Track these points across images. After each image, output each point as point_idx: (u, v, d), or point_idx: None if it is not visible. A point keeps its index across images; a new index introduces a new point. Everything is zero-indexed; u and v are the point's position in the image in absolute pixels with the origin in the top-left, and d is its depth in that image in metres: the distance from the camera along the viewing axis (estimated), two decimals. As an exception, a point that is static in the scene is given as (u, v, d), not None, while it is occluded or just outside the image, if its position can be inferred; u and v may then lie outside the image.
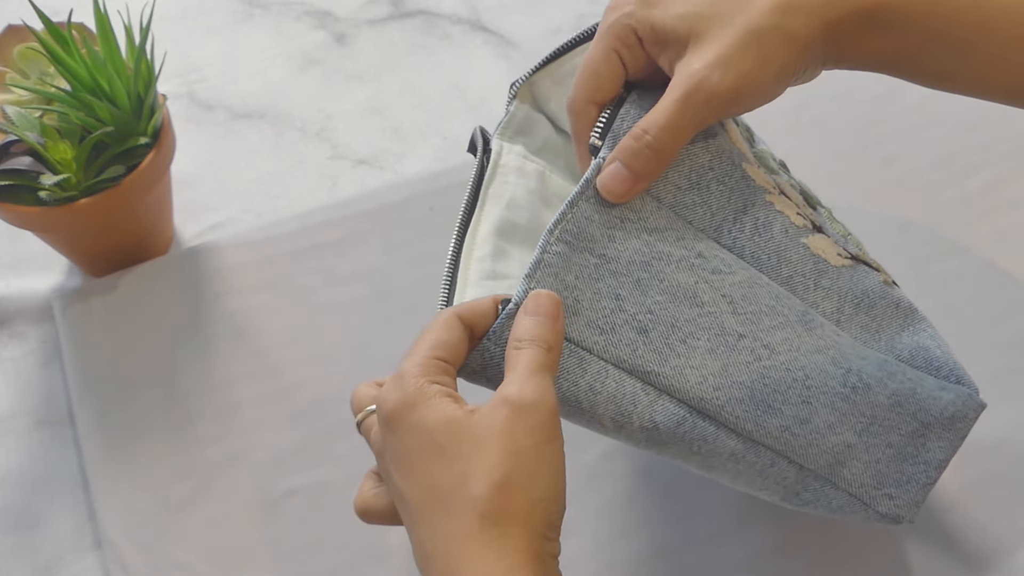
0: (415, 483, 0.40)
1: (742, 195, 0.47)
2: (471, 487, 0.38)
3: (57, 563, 0.57)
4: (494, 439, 0.39)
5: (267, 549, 0.57)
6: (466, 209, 0.51)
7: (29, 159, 0.59)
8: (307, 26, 0.82)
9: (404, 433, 0.40)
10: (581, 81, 0.47)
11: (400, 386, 0.41)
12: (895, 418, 0.46)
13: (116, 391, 0.62)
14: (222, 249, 0.68)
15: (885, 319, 0.48)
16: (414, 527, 0.39)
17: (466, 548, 0.38)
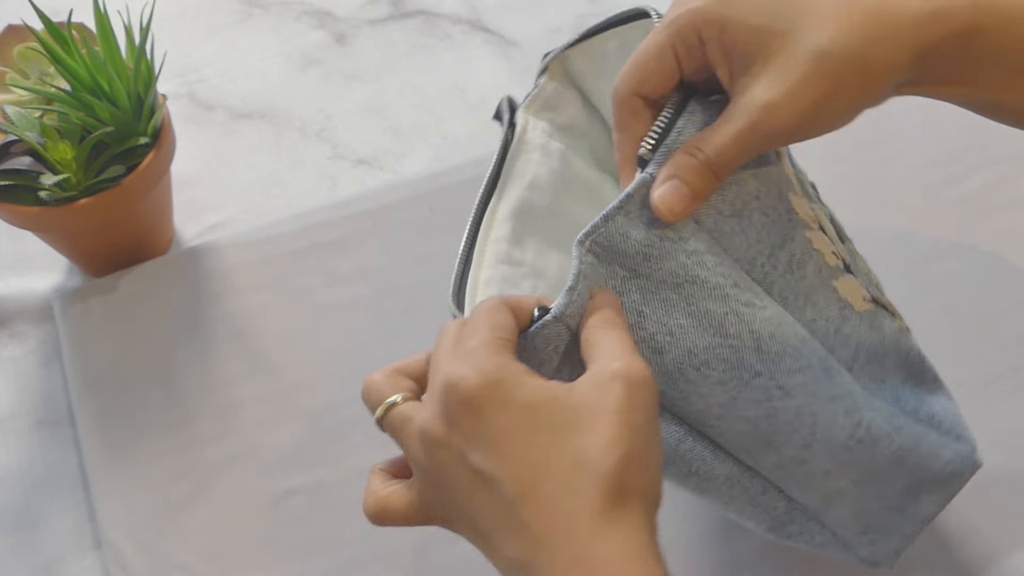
0: (515, 462, 0.37)
1: (783, 229, 0.44)
2: (594, 463, 0.36)
3: (57, 563, 0.57)
4: (611, 413, 0.37)
5: (267, 549, 0.57)
6: (488, 184, 0.50)
7: (29, 159, 0.59)
8: (307, 26, 0.82)
9: (494, 412, 0.37)
10: (629, 71, 0.44)
11: (476, 365, 0.38)
12: (893, 472, 0.45)
13: (116, 391, 0.62)
14: (222, 249, 0.68)
15: (893, 369, 0.47)
16: (514, 509, 0.37)
17: (594, 526, 0.36)
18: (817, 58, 0.40)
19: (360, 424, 0.61)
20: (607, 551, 0.36)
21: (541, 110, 0.54)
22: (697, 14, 0.42)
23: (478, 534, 0.39)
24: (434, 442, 0.39)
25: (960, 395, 0.50)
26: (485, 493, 0.38)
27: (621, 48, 0.50)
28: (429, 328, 0.64)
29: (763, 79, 0.40)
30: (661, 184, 0.42)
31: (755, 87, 0.40)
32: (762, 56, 0.40)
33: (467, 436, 0.38)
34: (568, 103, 0.54)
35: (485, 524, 0.38)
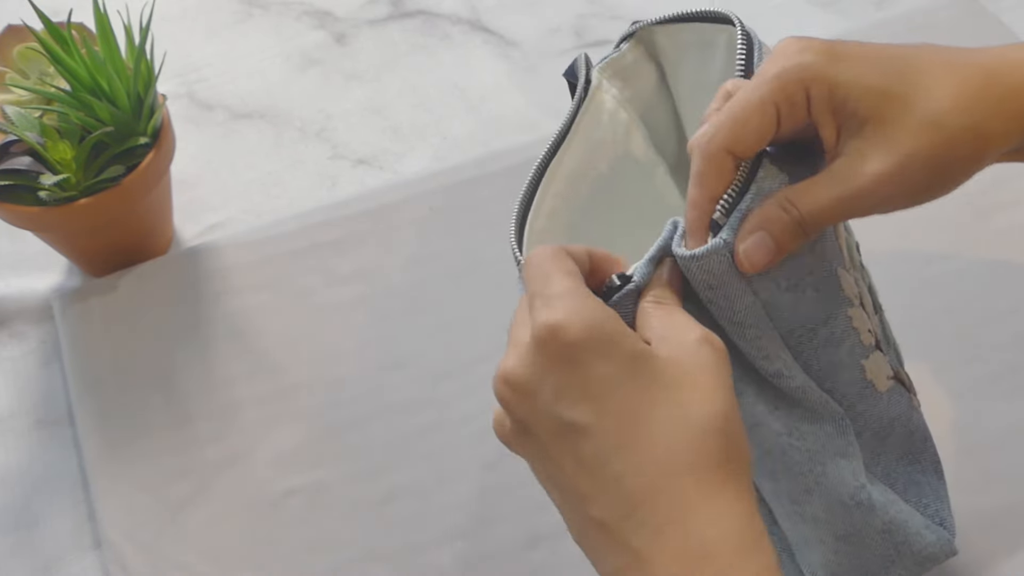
0: (612, 413, 0.35)
1: (828, 305, 0.43)
2: (698, 418, 0.35)
3: (57, 563, 0.57)
4: (708, 372, 0.36)
5: (267, 549, 0.57)
6: (559, 134, 0.49)
7: (29, 159, 0.59)
8: (307, 26, 0.82)
9: (595, 361, 0.36)
10: (725, 126, 0.40)
11: (574, 310, 0.36)
12: (878, 541, 0.45)
13: (116, 391, 0.62)
14: (222, 249, 0.68)
15: (893, 446, 0.47)
16: (608, 463, 0.35)
17: (700, 485, 0.34)
18: (934, 129, 0.38)
19: (360, 424, 0.61)
20: (714, 512, 0.34)
21: (614, 76, 0.53)
22: (807, 69, 0.39)
23: (560, 491, 0.37)
24: (521, 390, 0.37)
25: (960, 395, 0.50)
26: (574, 446, 0.36)
27: (704, 46, 0.49)
28: (429, 328, 0.64)
29: (875, 145, 0.39)
30: (747, 235, 0.40)
31: (866, 152, 0.39)
32: (874, 119, 0.39)
33: (560, 386, 0.36)
34: (644, 76, 0.53)
35: (569, 480, 0.36)
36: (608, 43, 0.81)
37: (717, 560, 0.34)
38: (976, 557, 0.55)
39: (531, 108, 0.77)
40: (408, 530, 0.57)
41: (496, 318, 0.64)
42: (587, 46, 0.81)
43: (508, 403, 0.38)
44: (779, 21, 0.82)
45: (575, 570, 0.56)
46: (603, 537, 0.35)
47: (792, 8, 0.83)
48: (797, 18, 0.82)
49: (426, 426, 0.60)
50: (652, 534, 0.34)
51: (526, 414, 0.37)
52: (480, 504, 0.58)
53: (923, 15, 0.80)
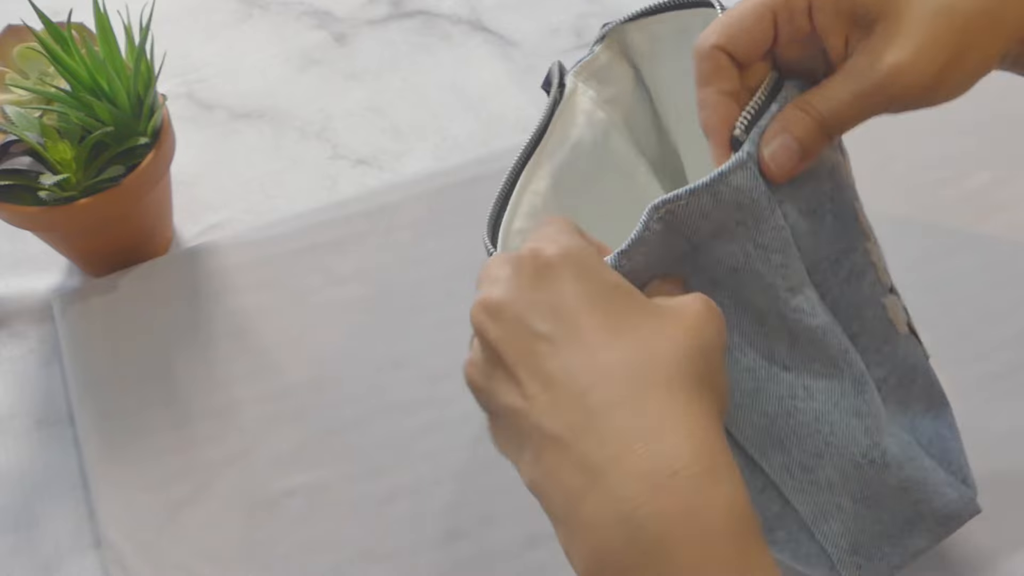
0: (581, 329, 0.35)
1: (850, 236, 0.44)
2: (676, 345, 0.34)
3: (57, 563, 0.57)
4: (687, 315, 0.36)
5: (267, 549, 0.57)
6: (536, 134, 0.50)
7: (29, 159, 0.59)
8: (307, 26, 0.82)
9: (569, 280, 0.35)
10: (719, 26, 0.41)
11: (559, 241, 0.37)
12: (896, 501, 0.45)
13: (116, 391, 0.62)
14: (222, 249, 0.68)
15: (918, 397, 0.47)
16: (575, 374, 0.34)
17: (672, 399, 0.33)
18: (946, 15, 0.38)
19: (360, 424, 0.61)
20: (685, 430, 0.33)
21: (590, 78, 0.53)
22: None
23: (516, 416, 0.35)
24: (496, 309, 0.37)
25: (960, 395, 0.50)
26: (541, 360, 0.35)
27: (679, 33, 0.49)
28: (429, 328, 0.64)
29: (889, 39, 0.38)
30: (771, 139, 0.40)
31: (880, 47, 0.38)
32: (885, 15, 0.38)
33: (534, 300, 0.36)
34: (619, 77, 0.53)
35: (531, 402, 0.35)
36: (608, 43, 0.82)
37: (686, 479, 0.32)
38: (977, 557, 0.55)
39: (531, 108, 0.77)
40: (408, 530, 0.57)
41: (496, 318, 0.65)
42: (587, 46, 0.80)
43: (482, 327, 0.37)
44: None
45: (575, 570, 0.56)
46: (559, 455, 0.34)
47: (792, 8, 0.83)
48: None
49: (426, 426, 0.60)
50: (615, 450, 0.33)
51: (498, 335, 0.36)
52: (480, 504, 0.58)
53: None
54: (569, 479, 0.33)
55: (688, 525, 0.31)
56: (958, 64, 0.39)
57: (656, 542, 0.31)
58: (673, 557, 0.31)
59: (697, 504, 0.32)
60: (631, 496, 0.32)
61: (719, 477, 0.33)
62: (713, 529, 0.31)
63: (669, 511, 0.31)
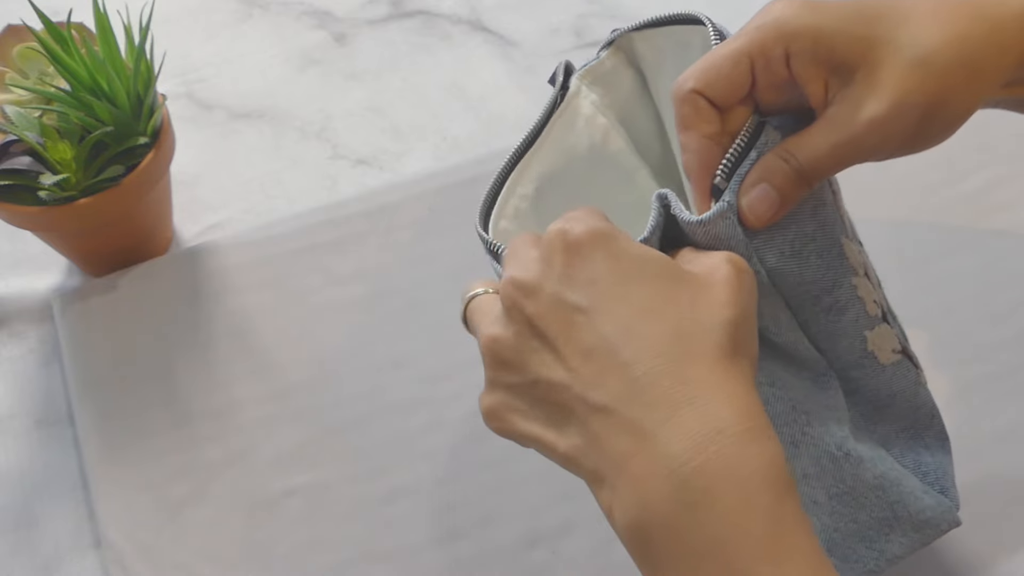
0: (618, 301, 0.36)
1: (834, 273, 0.43)
2: (710, 317, 0.36)
3: (57, 563, 0.57)
4: (723, 281, 0.37)
5: (267, 549, 0.57)
6: (530, 135, 0.50)
7: (29, 159, 0.59)
8: (306, 26, 0.82)
9: (601, 257, 0.36)
10: (697, 70, 0.41)
11: (585, 220, 0.37)
12: (872, 498, 0.45)
13: (116, 391, 0.62)
14: (222, 249, 0.68)
15: (893, 419, 0.47)
16: (615, 348, 0.35)
17: (712, 369, 0.35)
18: (923, 67, 0.38)
19: (360, 424, 0.61)
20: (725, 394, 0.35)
21: (594, 83, 0.53)
22: (787, 24, 0.39)
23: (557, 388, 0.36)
24: (528, 287, 0.37)
25: (960, 395, 0.50)
26: (580, 331, 0.36)
27: (681, 47, 0.50)
28: (429, 328, 0.64)
29: (868, 90, 0.38)
30: (750, 188, 0.40)
31: (859, 98, 0.38)
32: (864, 65, 0.38)
33: (567, 274, 0.37)
34: (623, 82, 0.53)
35: (572, 373, 0.36)
36: (608, 43, 0.82)
37: (730, 437, 0.34)
38: (976, 557, 0.55)
39: (531, 108, 0.76)
40: (408, 530, 0.57)
41: (496, 318, 0.65)
42: (587, 46, 0.81)
43: (514, 304, 0.38)
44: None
45: (575, 570, 0.56)
46: (606, 422, 0.35)
47: (792, 8, 0.83)
48: (797, 18, 0.82)
49: (426, 426, 0.60)
50: (664, 414, 0.35)
51: (533, 310, 0.37)
52: (480, 504, 0.58)
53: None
54: (617, 443, 0.35)
55: (730, 478, 0.34)
56: (937, 115, 0.39)
57: (701, 493, 0.34)
58: (715, 507, 0.33)
59: (739, 459, 0.34)
60: (679, 453, 0.34)
61: (759, 435, 0.35)
62: (752, 481, 0.34)
63: (713, 466, 0.34)
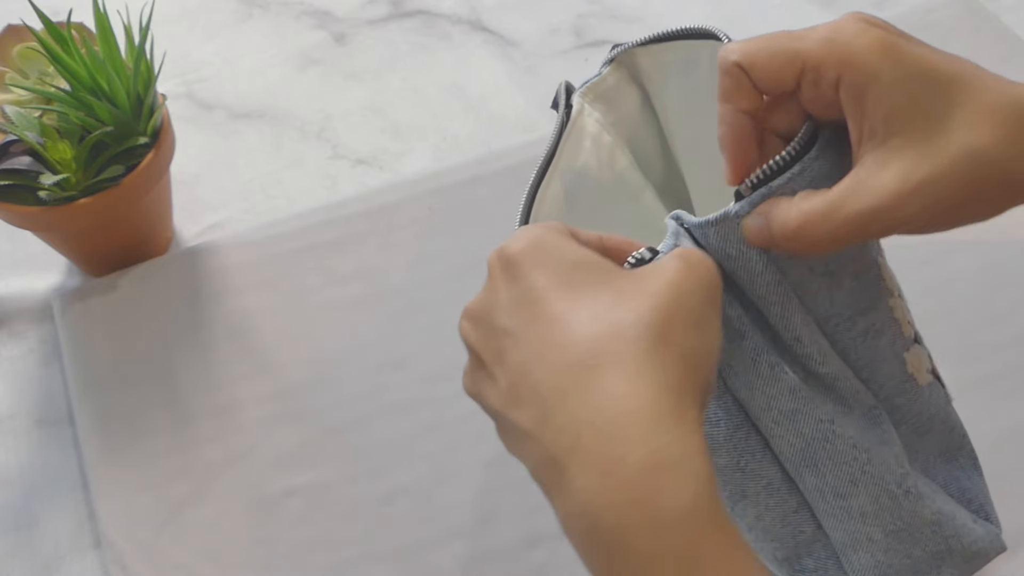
0: (542, 321, 0.34)
1: (869, 296, 0.42)
2: (628, 310, 0.33)
3: (57, 563, 0.57)
4: (656, 278, 0.34)
5: (267, 549, 0.57)
6: (543, 163, 0.49)
7: (29, 159, 0.59)
8: (306, 26, 0.82)
9: (531, 270, 0.35)
10: (746, 47, 0.38)
11: (527, 233, 0.36)
12: (928, 535, 0.43)
13: (116, 391, 0.62)
14: (222, 249, 0.68)
15: (932, 443, 0.46)
16: (530, 368, 0.33)
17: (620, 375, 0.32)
18: (965, 159, 0.36)
19: (360, 424, 0.61)
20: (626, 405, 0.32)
21: (596, 100, 0.53)
22: (850, 55, 0.37)
23: (499, 415, 0.36)
24: (473, 317, 0.37)
25: (960, 395, 0.50)
26: (505, 356, 0.35)
27: (688, 63, 0.49)
28: (429, 328, 0.64)
29: (901, 161, 0.36)
30: (752, 221, 0.38)
31: (890, 166, 0.36)
32: (906, 132, 0.36)
33: (500, 300, 0.35)
34: (626, 98, 0.53)
35: (504, 397, 0.35)
36: (608, 43, 0.81)
37: (632, 468, 0.31)
38: (976, 557, 0.55)
39: (531, 108, 0.77)
40: (408, 530, 0.57)
41: (496, 318, 0.65)
42: (587, 46, 0.81)
43: (466, 336, 0.37)
44: (779, 21, 0.82)
45: (575, 570, 0.56)
46: (532, 450, 0.34)
47: (792, 8, 0.83)
48: (797, 17, 0.82)
49: (426, 426, 0.60)
50: (568, 441, 0.32)
51: (476, 339, 0.37)
52: (480, 504, 0.58)
53: (923, 15, 0.80)
54: (543, 473, 0.33)
55: (638, 514, 0.31)
56: (966, 207, 0.37)
57: (611, 532, 0.31)
58: (626, 547, 0.31)
59: (644, 493, 0.31)
60: (585, 487, 0.31)
61: (667, 463, 0.31)
62: (662, 518, 0.30)
63: (619, 501, 0.31)
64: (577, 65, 0.80)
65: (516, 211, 0.49)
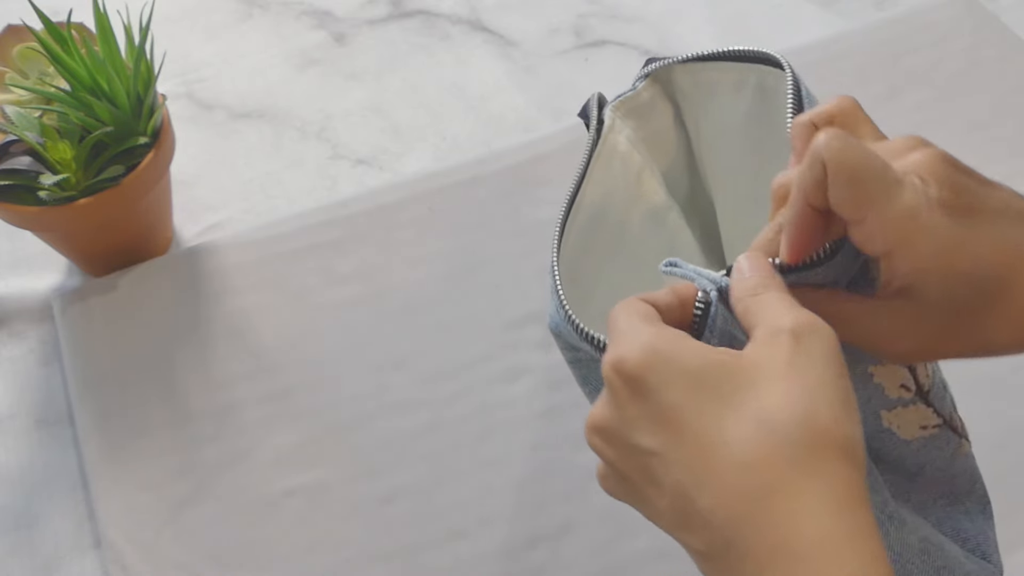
0: (686, 440, 0.33)
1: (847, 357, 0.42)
2: (770, 426, 0.32)
3: (57, 563, 0.57)
4: (781, 369, 0.33)
5: (267, 549, 0.57)
6: (576, 183, 0.49)
7: (29, 159, 0.59)
8: (306, 26, 0.82)
9: (659, 385, 0.34)
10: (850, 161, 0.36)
11: (631, 339, 0.35)
12: (918, 563, 0.43)
13: (116, 391, 0.62)
14: (222, 249, 0.68)
15: (924, 487, 0.45)
16: (690, 498, 0.33)
17: (788, 498, 0.32)
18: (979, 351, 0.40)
19: (360, 424, 0.61)
20: (805, 531, 0.31)
21: (629, 114, 0.52)
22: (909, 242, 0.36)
23: (660, 525, 0.36)
24: (604, 432, 0.36)
25: (960, 395, 0.50)
26: (656, 476, 0.34)
27: (737, 86, 0.48)
28: (429, 328, 0.64)
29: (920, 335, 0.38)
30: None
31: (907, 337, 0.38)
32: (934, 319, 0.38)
33: (633, 417, 0.35)
34: (659, 114, 0.52)
35: (666, 515, 0.35)
36: (608, 43, 0.82)
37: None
38: (976, 557, 0.55)
39: (531, 108, 0.77)
40: (408, 530, 0.57)
41: (496, 318, 0.65)
42: (587, 46, 0.81)
43: (598, 450, 0.37)
44: (779, 21, 0.82)
45: (575, 570, 0.56)
46: (713, 567, 0.34)
47: (792, 8, 0.83)
48: (797, 18, 0.82)
49: (426, 426, 0.60)
50: (756, 567, 0.32)
51: (614, 456, 0.36)
52: (480, 504, 0.58)
53: (923, 15, 0.80)
54: None
55: None
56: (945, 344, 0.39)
57: None
58: None
59: None
60: None
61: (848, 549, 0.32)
62: None
63: None
64: (577, 65, 0.80)
65: (516, 211, 0.49)
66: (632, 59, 0.80)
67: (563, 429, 0.60)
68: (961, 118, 0.74)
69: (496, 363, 0.63)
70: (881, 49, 0.78)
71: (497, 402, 0.61)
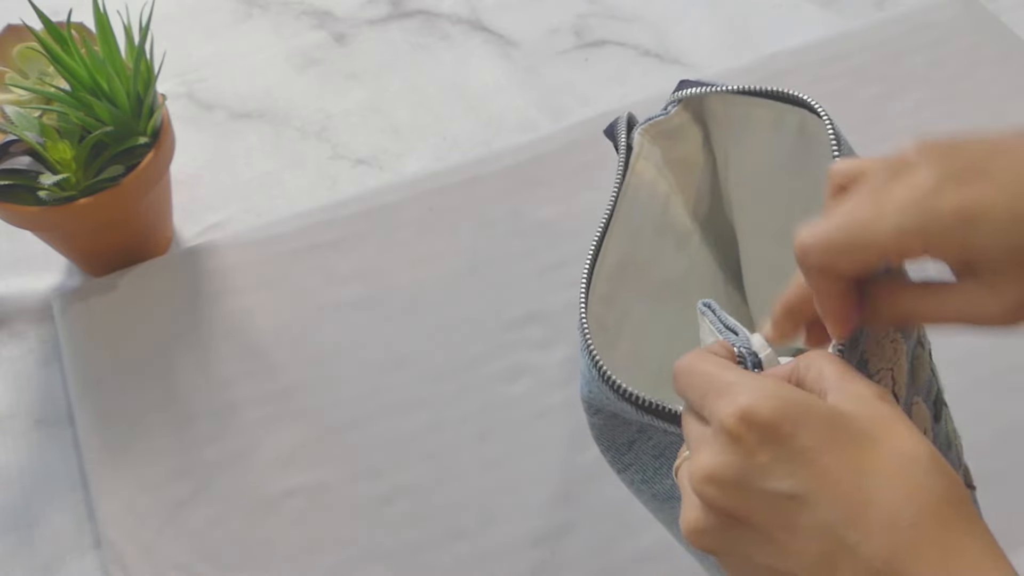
0: (832, 479, 0.34)
1: None
2: (913, 463, 0.34)
3: (56, 563, 0.57)
4: (899, 422, 0.35)
5: (267, 549, 0.57)
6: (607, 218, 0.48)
7: (28, 159, 0.59)
8: (306, 26, 0.82)
9: (796, 431, 0.35)
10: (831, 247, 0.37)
11: (753, 389, 0.36)
12: None
13: (116, 391, 0.62)
14: (222, 249, 0.68)
15: None
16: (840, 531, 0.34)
17: (940, 528, 0.33)
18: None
19: (360, 424, 0.61)
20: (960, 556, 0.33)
21: (659, 136, 0.52)
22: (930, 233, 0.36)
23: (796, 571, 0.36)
24: (725, 482, 0.36)
25: (961, 395, 0.50)
26: (796, 518, 0.35)
27: (776, 125, 0.48)
28: (429, 328, 0.64)
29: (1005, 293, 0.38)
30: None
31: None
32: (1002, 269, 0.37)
33: (769, 464, 0.35)
34: (689, 138, 0.52)
35: (797, 557, 0.35)
36: (608, 43, 0.82)
37: None
38: (976, 557, 0.55)
39: (531, 108, 0.77)
40: (408, 530, 0.57)
41: (496, 318, 0.65)
42: (587, 46, 0.81)
43: (714, 499, 0.37)
44: (779, 21, 0.82)
45: (575, 570, 0.56)
46: None
47: (792, 8, 0.83)
48: (797, 18, 0.82)
49: (426, 426, 0.60)
50: None
51: (737, 504, 0.36)
52: (480, 504, 0.58)
53: (923, 15, 0.80)
54: None
55: None
56: None
57: None
58: None
59: None
60: None
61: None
62: None
63: None
64: (577, 65, 0.80)
65: (516, 211, 0.49)
66: (632, 59, 0.80)
67: (563, 429, 0.60)
68: (961, 118, 0.74)
69: (496, 363, 0.63)
70: (881, 49, 0.79)
71: (497, 402, 0.61)
